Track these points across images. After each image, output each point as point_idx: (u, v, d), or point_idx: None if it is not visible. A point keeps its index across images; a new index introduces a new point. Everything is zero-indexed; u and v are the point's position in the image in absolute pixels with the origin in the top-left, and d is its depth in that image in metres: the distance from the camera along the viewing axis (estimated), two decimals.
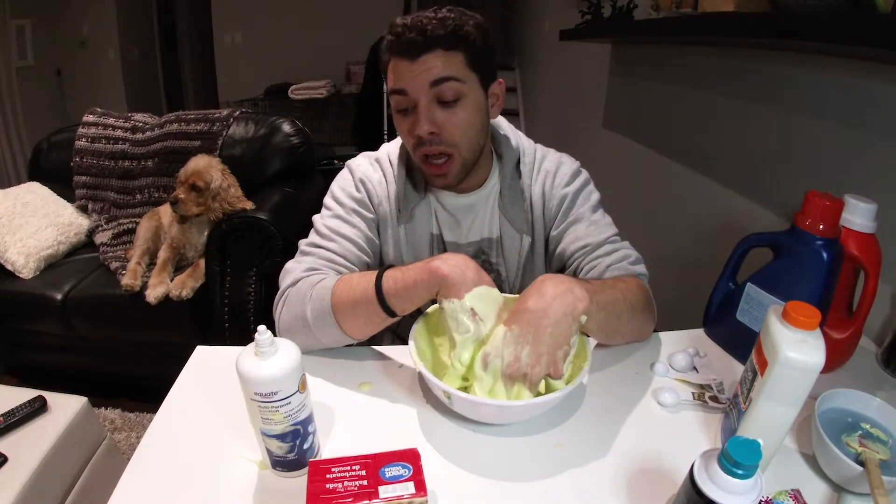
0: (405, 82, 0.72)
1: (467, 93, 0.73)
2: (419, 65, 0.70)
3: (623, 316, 0.69)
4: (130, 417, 1.62)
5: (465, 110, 0.74)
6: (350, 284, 0.70)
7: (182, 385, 0.71)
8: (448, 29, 0.70)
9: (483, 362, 0.60)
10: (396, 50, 0.72)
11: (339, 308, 0.69)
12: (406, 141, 0.78)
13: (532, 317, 0.59)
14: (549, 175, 0.85)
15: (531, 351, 0.58)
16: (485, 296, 0.63)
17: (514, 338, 0.59)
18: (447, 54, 0.71)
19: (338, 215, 0.83)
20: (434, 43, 0.70)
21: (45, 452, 0.94)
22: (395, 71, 0.73)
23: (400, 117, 0.76)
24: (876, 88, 0.90)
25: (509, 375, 0.59)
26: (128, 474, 0.57)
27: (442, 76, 0.71)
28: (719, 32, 1.07)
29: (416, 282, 0.64)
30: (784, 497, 0.53)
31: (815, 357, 0.49)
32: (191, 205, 1.53)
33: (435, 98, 0.72)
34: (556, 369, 0.58)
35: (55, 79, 3.55)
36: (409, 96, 0.72)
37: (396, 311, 0.67)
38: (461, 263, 0.64)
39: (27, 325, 1.64)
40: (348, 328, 0.70)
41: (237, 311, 1.54)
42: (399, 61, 0.72)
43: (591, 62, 2.26)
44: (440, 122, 0.73)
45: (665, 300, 0.78)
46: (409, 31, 0.69)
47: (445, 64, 0.71)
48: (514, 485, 0.57)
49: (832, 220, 0.67)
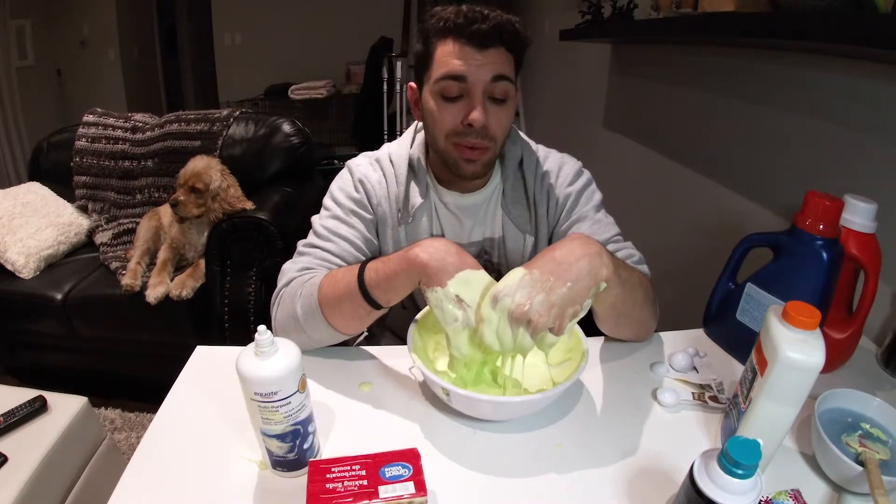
0: (468, 69, 0.71)
1: (513, 95, 0.74)
2: (486, 56, 0.70)
3: (637, 300, 0.70)
4: (130, 417, 1.62)
5: (508, 110, 0.75)
6: (335, 279, 0.70)
7: (182, 385, 0.71)
8: (514, 29, 0.71)
9: (493, 299, 0.58)
10: (466, 35, 0.70)
11: (326, 303, 0.69)
12: (443, 127, 0.75)
13: (556, 267, 0.57)
14: (552, 175, 0.85)
15: (544, 299, 0.56)
16: (470, 280, 0.61)
17: (530, 281, 0.57)
18: (507, 54, 0.72)
19: (336, 216, 0.83)
20: (503, 40, 0.70)
21: (45, 452, 0.93)
22: (455, 55, 0.71)
23: (444, 103, 0.74)
24: (876, 88, 0.90)
25: (516, 316, 0.56)
26: (128, 474, 0.57)
27: (503, 73, 0.71)
28: (719, 32, 1.07)
29: (396, 272, 0.63)
30: (784, 497, 0.53)
31: (815, 357, 0.49)
32: (191, 206, 1.53)
33: (489, 93, 0.72)
34: (561, 326, 0.56)
35: (55, 79, 3.56)
36: (466, 83, 0.71)
37: (381, 303, 0.66)
38: (441, 248, 0.62)
39: (27, 325, 1.64)
40: (336, 323, 0.70)
41: (237, 311, 1.54)
42: (464, 47, 0.70)
43: (591, 62, 2.26)
44: (491, 115, 0.73)
45: (665, 300, 0.78)
46: (481, 21, 0.69)
47: (506, 63, 0.72)
48: (515, 485, 0.57)
49: (832, 220, 0.67)
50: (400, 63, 3.32)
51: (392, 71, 3.37)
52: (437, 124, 0.76)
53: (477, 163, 0.77)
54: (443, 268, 0.60)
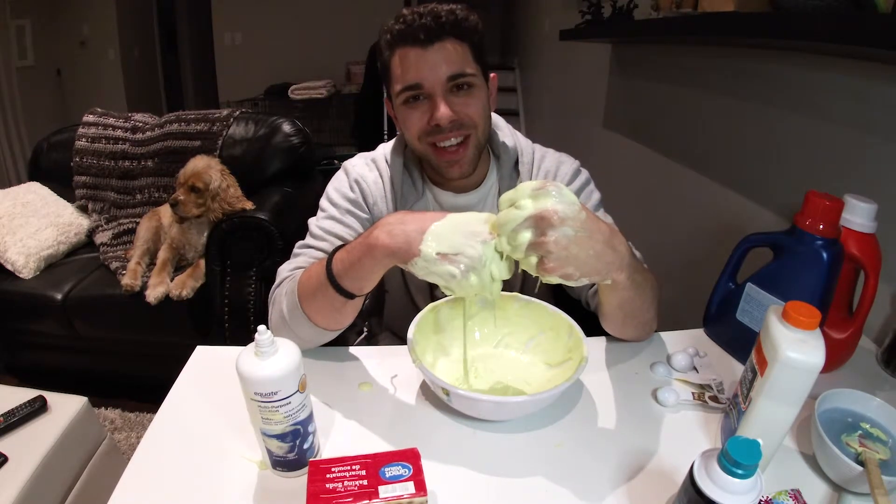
0: (419, 73, 0.71)
1: (477, 84, 0.74)
2: (433, 52, 0.70)
3: (646, 303, 0.69)
4: (130, 417, 1.62)
5: (476, 95, 0.74)
6: (310, 273, 0.68)
7: (182, 385, 0.71)
8: (458, 18, 0.70)
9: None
10: (408, 38, 0.70)
11: (304, 298, 0.68)
12: (414, 132, 0.76)
13: (595, 228, 0.54)
14: (550, 175, 0.85)
15: (572, 238, 0.52)
16: (440, 231, 0.56)
17: (581, 219, 0.53)
18: (457, 45, 0.71)
19: (331, 216, 0.83)
20: (447, 30, 0.70)
21: (45, 452, 0.93)
22: (404, 62, 0.71)
23: (408, 109, 0.75)
24: (876, 88, 0.90)
25: (544, 216, 0.52)
26: (128, 474, 0.57)
27: (457, 71, 0.71)
28: (719, 32, 1.07)
29: (361, 259, 0.61)
30: (784, 497, 0.53)
31: (815, 357, 0.49)
32: (191, 206, 1.53)
33: (450, 88, 0.72)
34: (552, 269, 0.53)
35: (55, 79, 3.56)
36: (423, 89, 0.72)
37: (353, 292, 0.64)
38: (397, 221, 0.59)
39: (27, 325, 1.64)
40: (316, 319, 0.68)
41: (237, 311, 1.54)
42: (409, 50, 0.71)
43: (591, 62, 2.26)
44: (457, 107, 0.73)
45: (665, 300, 0.78)
46: (420, 18, 0.69)
47: (458, 55, 0.71)
48: (515, 485, 0.57)
49: (832, 220, 0.67)
50: None
51: None
52: (408, 131, 0.77)
53: (461, 162, 0.77)
54: (406, 240, 0.57)
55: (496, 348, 0.76)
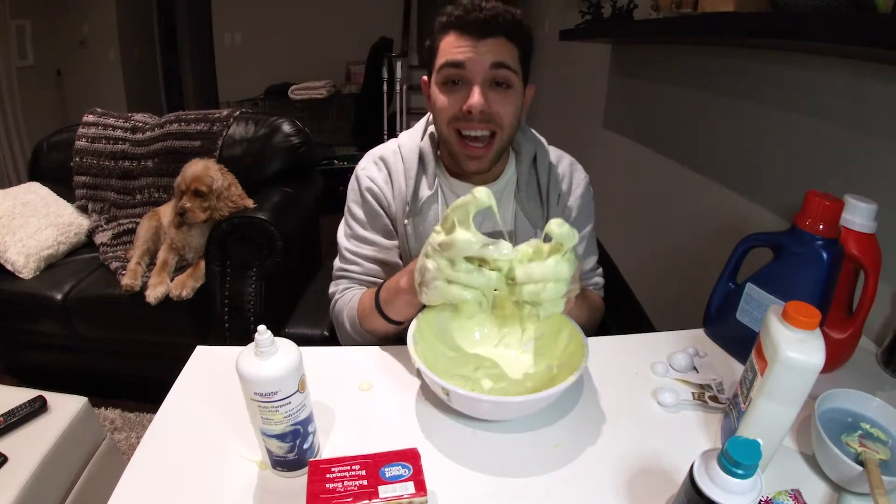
0: (466, 56, 0.73)
1: (516, 84, 0.76)
2: (485, 45, 0.72)
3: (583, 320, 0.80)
4: (130, 417, 1.62)
5: (512, 96, 0.76)
6: (363, 304, 0.81)
7: (182, 385, 0.71)
8: (515, 20, 0.73)
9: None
10: (463, 26, 0.73)
11: (364, 322, 0.81)
12: (445, 115, 0.77)
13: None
14: (565, 179, 0.88)
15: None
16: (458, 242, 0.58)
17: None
18: (508, 44, 0.73)
19: (354, 235, 0.89)
20: (502, 29, 0.72)
21: (45, 452, 0.94)
22: (453, 44, 0.74)
23: (444, 89, 0.76)
24: (876, 88, 0.90)
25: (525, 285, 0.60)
26: (128, 474, 0.57)
27: (502, 61, 0.73)
28: (719, 32, 1.07)
29: (397, 295, 0.72)
30: (784, 497, 0.53)
31: (815, 357, 0.49)
32: (198, 211, 1.53)
33: (490, 80, 0.74)
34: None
35: (55, 79, 3.55)
36: (465, 70, 0.73)
37: (397, 320, 0.74)
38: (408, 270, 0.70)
39: (27, 325, 1.64)
40: (377, 333, 0.80)
41: (237, 311, 1.54)
42: (461, 36, 0.73)
43: (591, 62, 2.26)
44: (492, 100, 0.74)
45: (665, 300, 0.78)
46: (479, 11, 0.72)
47: (506, 51, 0.73)
48: (514, 485, 0.57)
49: (832, 220, 0.67)
50: (400, 63, 3.32)
51: (392, 71, 3.37)
52: (439, 112, 0.78)
53: (483, 159, 0.78)
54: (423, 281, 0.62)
55: (496, 348, 0.76)
